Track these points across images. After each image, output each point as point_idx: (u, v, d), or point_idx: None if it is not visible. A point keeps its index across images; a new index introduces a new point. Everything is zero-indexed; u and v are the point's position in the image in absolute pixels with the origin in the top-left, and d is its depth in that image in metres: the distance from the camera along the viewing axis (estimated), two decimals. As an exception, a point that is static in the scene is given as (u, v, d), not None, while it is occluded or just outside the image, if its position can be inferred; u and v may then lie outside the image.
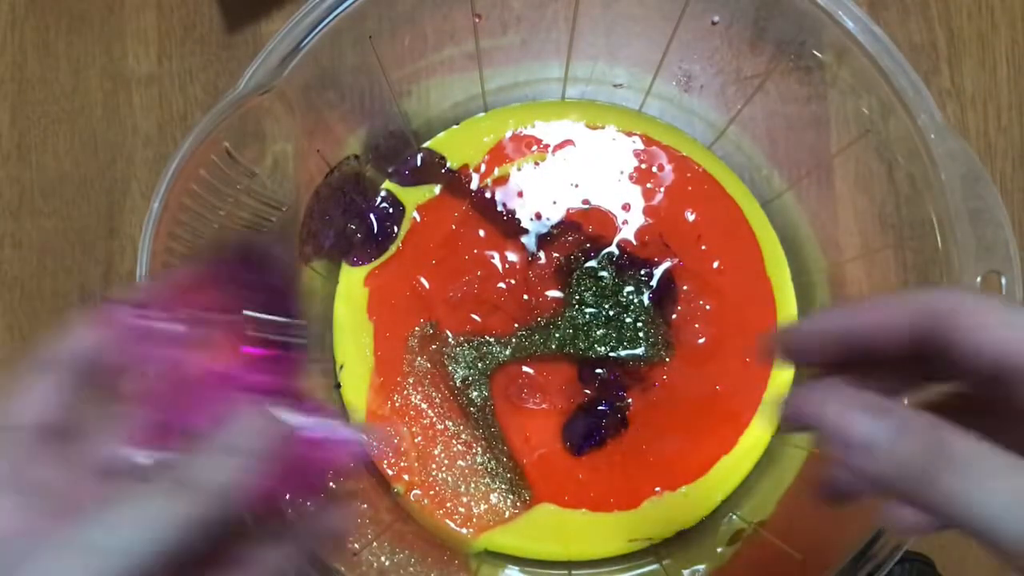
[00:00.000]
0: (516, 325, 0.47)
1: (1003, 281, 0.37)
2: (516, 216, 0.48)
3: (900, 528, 0.26)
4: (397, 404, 0.47)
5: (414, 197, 0.49)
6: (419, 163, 0.49)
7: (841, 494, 0.26)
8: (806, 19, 0.40)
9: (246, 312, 0.26)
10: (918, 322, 0.23)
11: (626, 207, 0.48)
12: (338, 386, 0.48)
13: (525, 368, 0.47)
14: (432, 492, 0.46)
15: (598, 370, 0.47)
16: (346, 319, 0.48)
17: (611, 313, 0.47)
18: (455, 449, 0.47)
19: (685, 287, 0.47)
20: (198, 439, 0.24)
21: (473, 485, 0.47)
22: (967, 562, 0.45)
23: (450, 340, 0.47)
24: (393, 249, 0.48)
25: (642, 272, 0.47)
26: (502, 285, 0.48)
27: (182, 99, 0.51)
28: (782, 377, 0.46)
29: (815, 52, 0.42)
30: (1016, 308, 0.22)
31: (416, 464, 0.47)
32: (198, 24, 0.51)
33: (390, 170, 0.49)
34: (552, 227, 0.48)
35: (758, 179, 0.49)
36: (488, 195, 0.49)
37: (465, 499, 0.46)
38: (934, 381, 0.25)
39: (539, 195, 0.49)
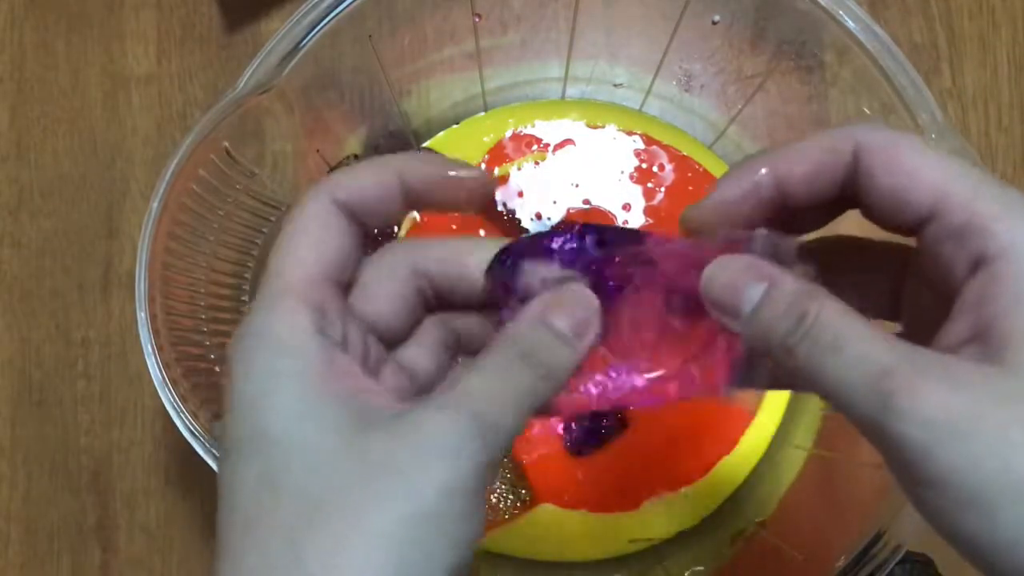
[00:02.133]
0: (516, 325, 0.47)
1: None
2: (516, 216, 0.48)
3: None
4: (397, 404, 0.47)
5: (414, 197, 0.49)
6: (419, 163, 0.49)
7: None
8: (807, 19, 0.40)
9: None
10: (841, 164, 0.22)
11: (627, 207, 0.48)
12: (338, 386, 0.48)
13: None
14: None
15: (598, 370, 0.47)
16: (346, 319, 0.48)
17: (611, 313, 0.47)
18: (455, 449, 0.47)
19: (685, 287, 0.47)
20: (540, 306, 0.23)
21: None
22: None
23: (450, 340, 0.47)
24: (393, 249, 0.48)
25: (642, 272, 0.47)
26: (502, 285, 0.47)
27: (181, 99, 0.51)
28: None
29: (816, 52, 0.42)
30: (926, 146, 0.21)
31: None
32: (197, 24, 0.51)
33: (390, 170, 0.49)
34: (552, 227, 0.48)
35: (759, 179, 0.49)
36: (488, 195, 0.49)
37: (465, 499, 0.46)
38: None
39: (539, 195, 0.48)
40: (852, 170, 0.22)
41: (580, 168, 0.49)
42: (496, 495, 0.46)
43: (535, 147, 0.49)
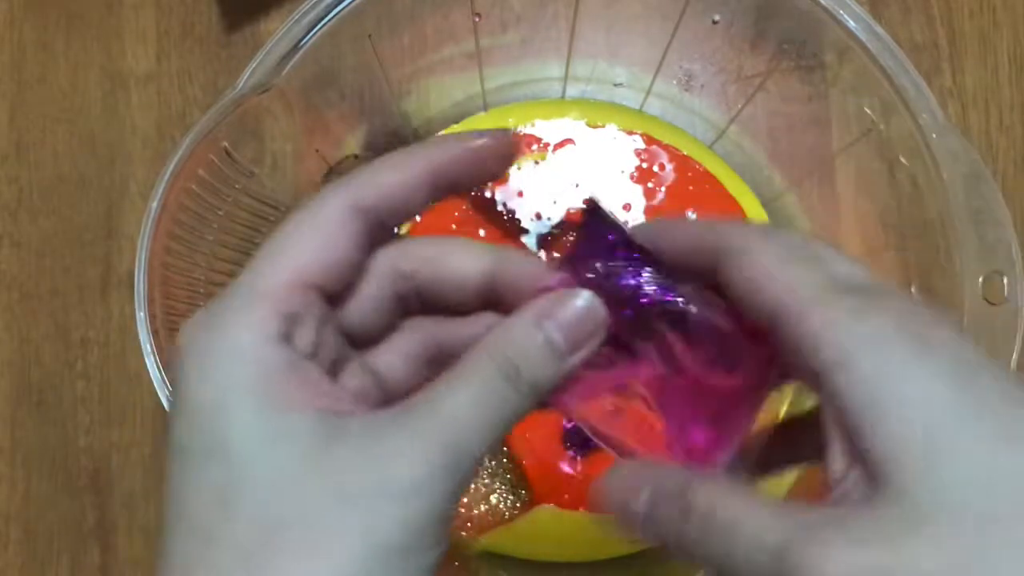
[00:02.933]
0: (516, 325, 0.47)
1: (1005, 281, 0.36)
2: (516, 216, 0.48)
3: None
4: (397, 404, 0.47)
5: (414, 197, 0.49)
6: (419, 163, 0.49)
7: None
8: (807, 18, 0.39)
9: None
10: (708, 253, 0.22)
11: (627, 207, 0.48)
12: (338, 386, 0.48)
13: (525, 368, 0.47)
14: (432, 493, 0.46)
15: (598, 370, 0.47)
16: (346, 319, 0.48)
17: (611, 313, 0.47)
18: (455, 450, 0.47)
19: (686, 287, 0.47)
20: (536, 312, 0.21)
21: (473, 486, 0.46)
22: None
23: (450, 340, 0.47)
24: (393, 249, 0.48)
25: (642, 272, 0.47)
26: (502, 285, 0.47)
27: (181, 98, 0.51)
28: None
29: (816, 52, 0.42)
30: (780, 253, 0.21)
31: (416, 465, 0.47)
32: (197, 23, 0.51)
33: (390, 170, 0.49)
34: (552, 227, 0.48)
35: (759, 179, 0.49)
36: (488, 195, 0.49)
37: (465, 500, 0.46)
38: None
39: (539, 195, 0.48)
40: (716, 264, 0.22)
41: (580, 168, 0.49)
42: (496, 495, 0.46)
43: (535, 147, 0.49)
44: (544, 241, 0.48)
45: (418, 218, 0.48)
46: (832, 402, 0.19)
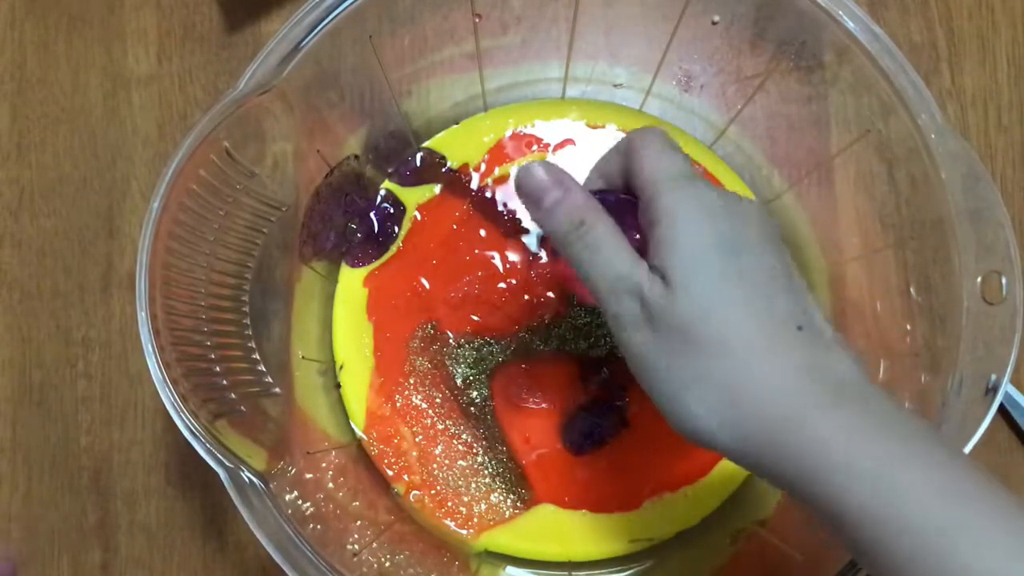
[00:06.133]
0: (517, 325, 0.47)
1: (1003, 281, 0.37)
2: (517, 216, 0.48)
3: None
4: (398, 404, 0.47)
5: (414, 197, 0.49)
6: (419, 163, 0.49)
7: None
8: (806, 19, 0.40)
9: None
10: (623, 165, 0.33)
11: (626, 207, 0.48)
12: (338, 386, 0.48)
13: (526, 368, 0.47)
14: (432, 492, 0.46)
15: (599, 370, 0.47)
16: (346, 320, 0.48)
17: (611, 313, 0.47)
18: (455, 449, 0.47)
19: (685, 287, 0.47)
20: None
21: (473, 485, 0.47)
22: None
23: (451, 340, 0.47)
24: (394, 249, 0.48)
25: (642, 272, 0.47)
26: (503, 285, 0.48)
27: (182, 99, 0.51)
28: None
29: (816, 52, 0.42)
30: (658, 142, 0.32)
31: (416, 464, 0.47)
32: (198, 24, 0.51)
33: (390, 170, 0.49)
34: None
35: (758, 179, 0.49)
36: (488, 195, 0.49)
37: (465, 499, 0.46)
38: None
39: (539, 195, 0.48)
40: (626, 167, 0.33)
41: (580, 168, 0.49)
42: (496, 495, 0.46)
43: (535, 147, 0.49)
44: (544, 240, 0.48)
45: (419, 217, 0.48)
46: (653, 236, 0.30)
